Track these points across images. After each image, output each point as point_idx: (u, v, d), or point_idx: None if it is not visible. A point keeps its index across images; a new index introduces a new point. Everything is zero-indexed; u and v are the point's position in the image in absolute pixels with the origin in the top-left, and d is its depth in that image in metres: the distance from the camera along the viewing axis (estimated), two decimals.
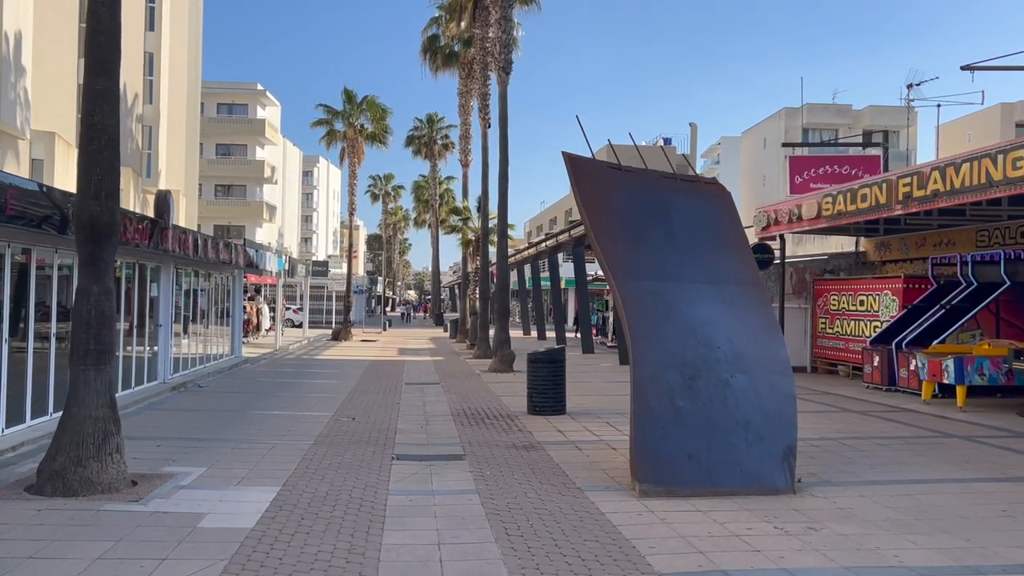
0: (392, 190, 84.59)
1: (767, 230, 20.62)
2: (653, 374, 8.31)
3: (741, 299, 9.49)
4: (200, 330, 18.28)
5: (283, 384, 16.76)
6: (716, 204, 10.66)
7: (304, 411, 12.85)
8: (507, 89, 20.62)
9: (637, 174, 10.80)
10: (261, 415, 12.20)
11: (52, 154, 23.54)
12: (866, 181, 15.78)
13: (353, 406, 13.48)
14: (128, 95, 31.00)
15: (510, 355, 20.09)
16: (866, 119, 54.79)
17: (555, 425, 11.65)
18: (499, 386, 16.88)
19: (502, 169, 20.47)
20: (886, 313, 17.56)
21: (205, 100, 59.50)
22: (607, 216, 10.17)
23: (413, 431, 11.09)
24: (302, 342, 31.84)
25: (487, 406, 13.75)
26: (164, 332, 14.68)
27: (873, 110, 53.23)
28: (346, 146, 35.52)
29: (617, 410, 13.26)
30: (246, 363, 21.09)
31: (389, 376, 18.95)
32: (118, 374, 12.65)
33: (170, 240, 13.34)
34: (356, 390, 15.87)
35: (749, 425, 7.99)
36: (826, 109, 56.13)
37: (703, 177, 11.32)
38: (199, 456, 8.91)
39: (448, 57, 34.09)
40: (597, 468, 8.75)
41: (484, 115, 25.46)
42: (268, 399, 14.25)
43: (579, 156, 10.68)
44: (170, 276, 14.81)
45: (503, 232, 21.11)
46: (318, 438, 10.29)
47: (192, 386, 15.50)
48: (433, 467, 8.73)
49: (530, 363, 12.87)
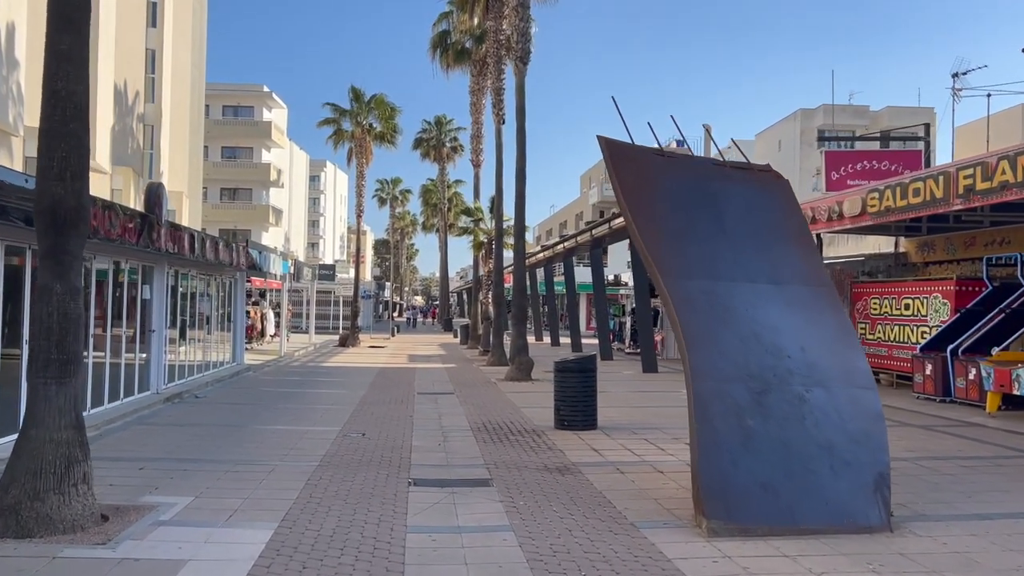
0: (400, 194, 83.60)
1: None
2: (716, 388, 7.09)
3: (808, 301, 8.27)
4: (199, 336, 17.13)
5: (287, 394, 15.58)
6: (772, 192, 9.45)
7: (309, 425, 11.66)
8: (524, 80, 19.46)
9: (684, 160, 9.59)
10: (261, 430, 11.01)
11: None
12: (919, 174, 14.52)
13: (362, 419, 12.30)
14: (129, 93, 29.98)
15: (528, 363, 18.88)
16: (884, 120, 53.52)
17: (588, 442, 10.43)
18: (518, 396, 15.67)
19: (519, 164, 19.29)
20: (936, 317, 16.28)
21: (210, 102, 58.58)
22: (652, 207, 8.98)
23: (430, 449, 9.89)
24: (308, 348, 30.68)
25: (508, 419, 12.54)
26: (157, 338, 13.52)
27: (891, 111, 51.97)
28: (354, 146, 34.41)
29: (652, 424, 12.04)
30: (248, 371, 19.93)
31: (400, 385, 17.77)
32: (103, 385, 11.50)
33: (163, 238, 12.19)
34: (365, 401, 14.69)
35: (833, 449, 6.76)
36: (843, 110, 54.86)
37: (755, 164, 10.11)
38: (186, 482, 7.72)
39: (459, 54, 32.99)
40: (647, 497, 7.52)
41: (498, 111, 24.30)
42: (270, 411, 13.07)
43: (618, 141, 9.48)
44: (164, 278, 13.65)
45: (520, 231, 19.90)
46: (324, 458, 9.09)
47: (188, 397, 14.34)
48: (457, 495, 7.52)
49: (557, 372, 11.66)
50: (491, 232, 31.70)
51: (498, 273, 24.46)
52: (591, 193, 63.96)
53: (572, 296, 32.25)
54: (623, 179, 9.11)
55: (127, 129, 29.86)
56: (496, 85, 24.32)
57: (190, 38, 36.48)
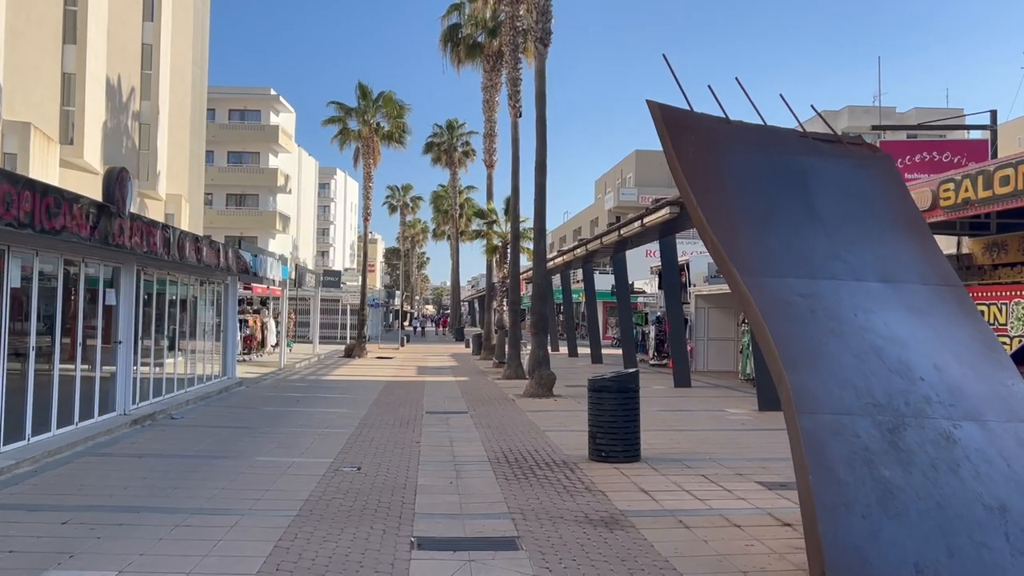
0: (411, 201, 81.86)
1: None
2: (833, 423, 5.15)
3: (933, 304, 6.33)
4: (183, 347, 15.28)
5: (278, 415, 13.70)
6: (871, 170, 7.52)
7: (296, 455, 9.77)
8: (545, 64, 17.59)
9: (759, 131, 7.65)
10: (235, 464, 9.11)
11: (27, 147, 20.80)
12: (1006, 160, 12.56)
13: (360, 446, 10.39)
14: (123, 89, 28.32)
15: (549, 377, 16.93)
16: (911, 121, 51.55)
17: (633, 480, 8.49)
18: (541, 417, 13.72)
19: (539, 156, 17.38)
20: (1019, 327, 14.23)
21: (216, 105, 57.16)
22: (721, 187, 7.07)
23: (440, 489, 7.98)
24: (311, 360, 28.85)
25: (532, 446, 10.61)
26: (124, 351, 11.65)
27: (919, 112, 50.03)
28: (361, 146, 32.64)
29: (704, 453, 10.07)
30: (240, 386, 18.07)
31: (407, 402, 15.86)
32: (50, 406, 9.63)
33: (127, 233, 10.35)
34: (366, 422, 12.79)
35: (1007, 512, 4.80)
36: (867, 112, 52.85)
37: (845, 136, 8.19)
38: (116, 545, 5.83)
39: (471, 48, 31.21)
40: (734, 570, 5.57)
41: (514, 102, 22.44)
42: (254, 436, 11.18)
43: (673, 107, 7.59)
44: (132, 281, 11.81)
45: (541, 231, 17.96)
46: (306, 504, 7.19)
47: (163, 418, 12.48)
48: (475, 563, 5.61)
49: (592, 392, 9.71)
50: (506, 235, 29.80)
51: (514, 278, 22.53)
52: (606, 199, 62.12)
53: (592, 304, 30.33)
54: (682, 152, 7.22)
55: (121, 127, 28.20)
56: (512, 75, 22.47)
57: (191, 35, 34.90)
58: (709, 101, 8.13)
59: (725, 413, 14.58)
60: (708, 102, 7.91)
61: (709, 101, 8.13)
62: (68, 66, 24.09)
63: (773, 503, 7.51)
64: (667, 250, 19.04)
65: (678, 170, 7.16)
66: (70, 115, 24.45)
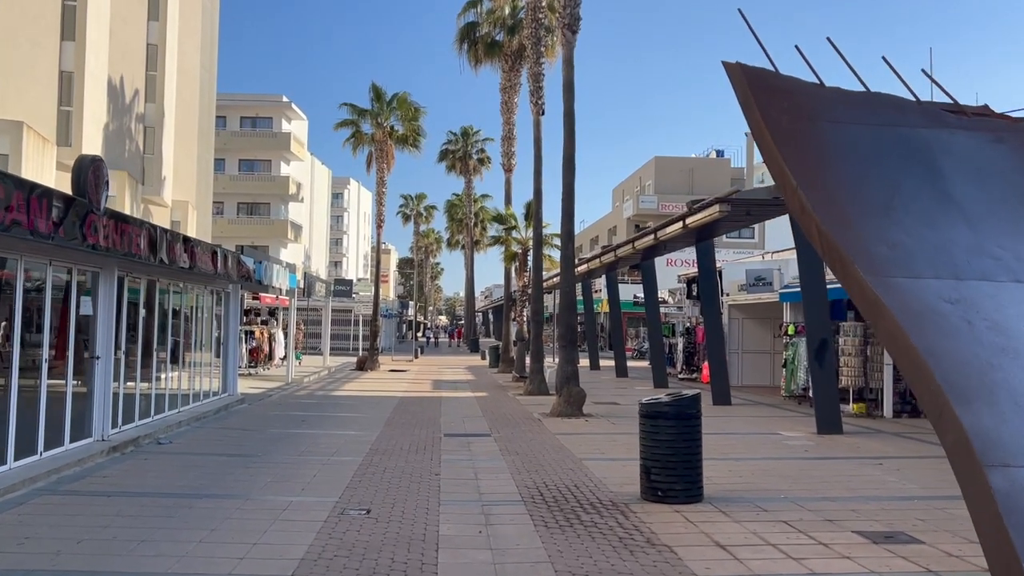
0: (424, 210, 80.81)
1: None
2: None
3: None
4: (176, 361, 13.87)
5: (279, 438, 12.23)
6: (1012, 145, 5.98)
7: (295, 492, 8.29)
8: (573, 53, 16.15)
9: (864, 97, 6.14)
10: (220, 506, 7.62)
11: (20, 147, 19.57)
12: None
13: (371, 480, 8.91)
14: (126, 90, 27.12)
15: (579, 395, 15.40)
16: None
17: (702, 528, 6.95)
18: (574, 441, 12.19)
19: (567, 152, 15.90)
20: None
21: (227, 113, 56.17)
22: (826, 164, 5.53)
23: (467, 541, 6.47)
24: (321, 373, 27.43)
25: (571, 480, 9.09)
26: (102, 367, 10.22)
27: None
28: (374, 150, 31.32)
29: (775, 491, 8.51)
30: (242, 403, 16.64)
31: (423, 422, 14.38)
32: (7, 433, 8.19)
33: (102, 232, 8.94)
34: (378, 448, 11.31)
35: None
36: None
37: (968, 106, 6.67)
38: None
39: (489, 47, 29.90)
40: None
41: (536, 99, 21.02)
42: (248, 467, 9.71)
43: (759, 68, 6.09)
44: (113, 287, 10.40)
45: (569, 235, 16.44)
46: (302, 566, 5.70)
47: (148, 443, 11.04)
48: None
49: (645, 419, 8.18)
50: (526, 241, 28.34)
51: (537, 287, 21.05)
52: (625, 206, 60.61)
53: (616, 313, 28.79)
54: (772, 121, 5.67)
55: (123, 129, 27.00)
56: (534, 70, 21.06)
57: (198, 36, 33.75)
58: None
59: (780, 437, 13.00)
60: None
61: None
62: (66, 64, 22.93)
63: (888, 563, 5.96)
64: (704, 255, 17.49)
65: (769, 144, 5.63)
66: (69, 116, 23.27)
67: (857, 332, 15.96)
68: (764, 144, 5.72)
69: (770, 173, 6.00)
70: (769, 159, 5.74)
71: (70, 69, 23.09)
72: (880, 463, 10.48)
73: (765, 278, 20.23)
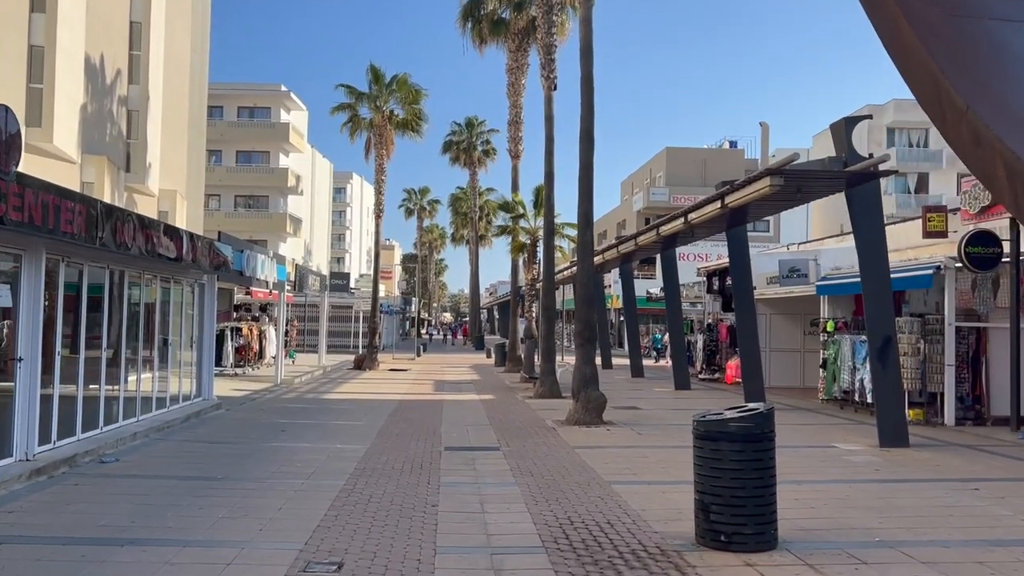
0: (428, 204, 79.11)
1: (989, 213, 13.90)
2: None
3: None
4: (132, 361, 12.03)
5: (249, 454, 10.38)
6: None
7: (249, 533, 6.44)
8: (592, 12, 14.26)
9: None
10: (133, 562, 5.76)
11: None
12: None
13: (350, 515, 7.05)
14: (107, 69, 25.26)
15: (599, 400, 13.51)
16: None
17: None
18: (597, 457, 10.29)
19: (584, 126, 13.99)
20: None
21: (224, 103, 54.35)
22: (1004, 76, 3.72)
23: None
24: (315, 373, 25.59)
25: (601, 514, 7.21)
26: (27, 371, 8.37)
27: None
28: (372, 135, 29.43)
29: (863, 528, 6.58)
30: (218, 408, 14.80)
31: (421, 431, 12.52)
32: None
33: (10, 204, 7.09)
34: (365, 466, 9.45)
35: None
36: (915, 106, 48.95)
37: None
38: None
39: (495, 25, 28.03)
40: None
41: (548, 73, 19.13)
42: (199, 495, 7.84)
43: None
44: (40, 275, 8.54)
45: (587, 218, 14.49)
46: None
47: (89, 462, 9.19)
48: None
49: (703, 441, 6.29)
50: (536, 231, 26.43)
51: (548, 279, 19.16)
52: (635, 199, 58.69)
53: (631, 309, 26.88)
54: (916, 18, 3.86)
55: (104, 111, 25.15)
56: (546, 41, 19.17)
57: (188, 17, 31.90)
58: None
59: (838, 451, 11.10)
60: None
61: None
62: (36, 38, 21.12)
63: None
64: (736, 242, 15.59)
65: (916, 48, 3.75)
66: (41, 94, 21.46)
67: (914, 328, 14.05)
68: (904, 49, 3.81)
69: (913, 93, 4.08)
70: (912, 73, 3.84)
71: (40, 43, 21.26)
72: (976, 488, 8.58)
73: (800, 269, 18.32)
